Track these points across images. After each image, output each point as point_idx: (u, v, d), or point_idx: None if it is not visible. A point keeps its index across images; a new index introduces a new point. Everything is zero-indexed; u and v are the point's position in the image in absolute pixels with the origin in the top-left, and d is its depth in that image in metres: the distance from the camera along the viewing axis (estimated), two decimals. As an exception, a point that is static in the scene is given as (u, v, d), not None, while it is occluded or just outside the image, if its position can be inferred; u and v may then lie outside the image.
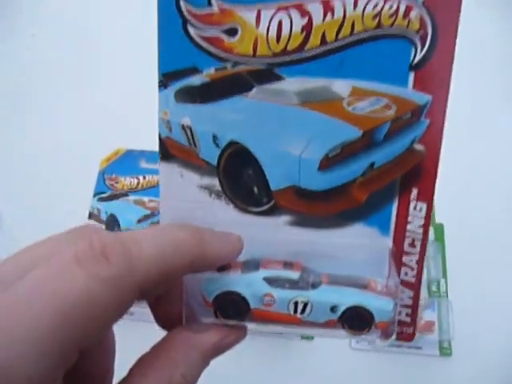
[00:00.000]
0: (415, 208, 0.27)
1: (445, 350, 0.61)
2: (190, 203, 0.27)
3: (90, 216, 0.69)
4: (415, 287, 0.29)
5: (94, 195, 0.71)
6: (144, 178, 0.71)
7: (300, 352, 0.62)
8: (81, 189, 0.71)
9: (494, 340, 0.61)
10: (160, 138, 0.27)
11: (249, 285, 0.26)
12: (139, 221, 0.67)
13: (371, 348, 0.62)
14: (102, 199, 0.69)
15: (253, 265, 0.27)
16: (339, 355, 0.62)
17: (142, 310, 0.61)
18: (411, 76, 0.25)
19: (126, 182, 0.70)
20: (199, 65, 0.25)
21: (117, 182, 0.70)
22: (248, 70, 0.25)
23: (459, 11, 0.24)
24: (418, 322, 0.60)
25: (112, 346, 0.26)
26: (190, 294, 0.26)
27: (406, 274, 0.29)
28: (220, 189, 0.27)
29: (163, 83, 0.26)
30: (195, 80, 0.26)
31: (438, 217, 0.67)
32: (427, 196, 0.27)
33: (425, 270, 0.61)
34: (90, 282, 0.18)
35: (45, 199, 0.72)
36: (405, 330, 0.30)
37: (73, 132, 0.78)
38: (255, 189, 0.27)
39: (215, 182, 0.27)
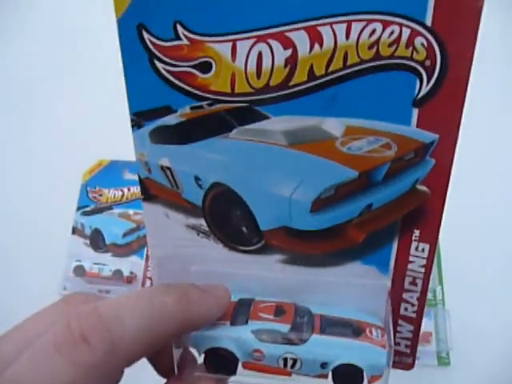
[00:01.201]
0: (417, 249, 0.25)
1: (443, 360, 0.60)
2: (179, 241, 0.26)
3: (74, 231, 0.67)
4: (415, 322, 0.28)
5: (78, 209, 0.69)
6: (128, 189, 0.69)
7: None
8: (64, 203, 0.69)
9: (492, 348, 0.60)
10: (140, 179, 0.26)
11: (237, 340, 0.25)
12: (125, 234, 0.66)
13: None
14: (85, 213, 0.68)
15: (242, 313, 0.25)
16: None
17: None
18: (415, 112, 0.22)
19: (110, 194, 0.69)
20: (172, 104, 0.23)
21: (100, 195, 0.69)
22: (227, 108, 0.23)
23: (476, 36, 0.19)
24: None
25: None
26: (179, 350, 0.25)
27: (406, 309, 0.27)
28: (207, 228, 0.25)
29: (136, 123, 0.24)
30: (170, 120, 0.23)
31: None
32: (431, 237, 0.25)
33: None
34: (71, 371, 0.18)
35: (27, 213, 0.69)
36: (403, 360, 0.30)
37: (53, 144, 0.75)
38: (244, 229, 0.25)
39: (202, 222, 0.25)
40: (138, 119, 0.24)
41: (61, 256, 0.64)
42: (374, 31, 0.20)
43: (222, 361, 0.25)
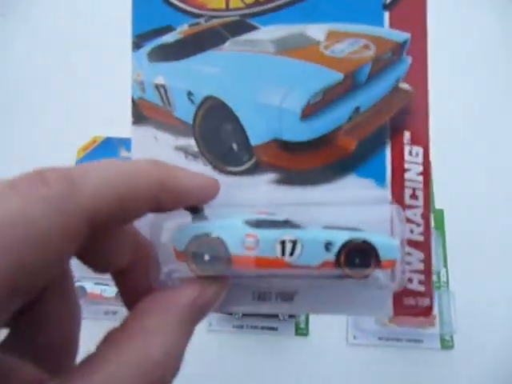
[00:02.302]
0: (411, 153, 0.25)
1: (446, 343, 0.59)
2: None
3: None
4: (425, 247, 0.25)
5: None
6: None
7: (295, 348, 0.60)
8: None
9: (496, 331, 0.59)
10: (133, 101, 0.26)
11: (227, 227, 0.21)
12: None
13: (368, 343, 0.59)
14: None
15: (234, 212, 0.23)
16: (336, 351, 0.59)
17: (124, 309, 0.59)
18: (386, 15, 0.24)
19: None
20: (173, 23, 0.24)
21: None
22: (221, 22, 0.24)
23: None
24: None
25: (75, 310, 0.21)
26: (158, 249, 0.22)
27: (411, 231, 0.24)
28: (197, 149, 0.25)
29: (136, 44, 0.25)
30: (169, 38, 0.25)
31: (438, 202, 0.65)
32: (422, 139, 0.25)
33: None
34: (26, 200, 0.15)
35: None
36: (420, 303, 0.24)
37: (47, 121, 0.73)
38: (234, 145, 0.24)
39: (191, 142, 0.25)
40: (139, 40, 0.25)
41: None
42: None
43: (208, 251, 0.21)
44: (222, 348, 0.60)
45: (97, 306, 0.60)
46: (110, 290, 0.59)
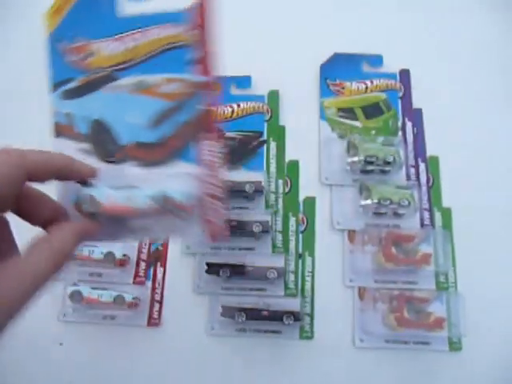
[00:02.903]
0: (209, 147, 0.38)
1: (454, 345, 0.57)
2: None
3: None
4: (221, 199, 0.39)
5: (54, 88, 0.38)
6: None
7: (300, 352, 0.58)
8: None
9: (506, 333, 0.57)
10: (53, 124, 0.40)
11: (97, 190, 0.35)
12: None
13: (375, 346, 0.57)
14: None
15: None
16: (342, 354, 0.58)
17: (123, 313, 0.57)
18: (193, 67, 0.38)
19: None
20: (73, 76, 0.39)
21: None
22: (101, 76, 0.39)
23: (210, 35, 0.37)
24: (426, 317, 0.56)
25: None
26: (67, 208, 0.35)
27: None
28: (89, 149, 0.39)
29: (53, 89, 0.40)
30: (71, 85, 0.39)
31: (445, 200, 0.63)
32: (213, 138, 0.38)
33: (432, 261, 0.58)
34: None
35: None
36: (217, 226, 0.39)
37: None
38: (111, 146, 0.39)
39: (86, 146, 0.39)
40: (55, 87, 0.40)
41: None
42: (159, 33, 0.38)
43: (86, 202, 0.35)
44: (224, 352, 0.58)
45: (94, 311, 0.58)
46: (108, 294, 0.57)
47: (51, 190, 0.36)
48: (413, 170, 0.64)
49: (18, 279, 0.28)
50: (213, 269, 0.58)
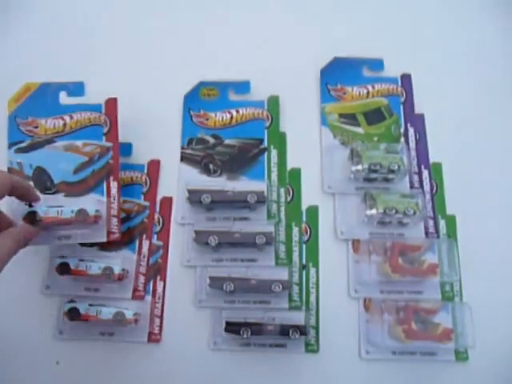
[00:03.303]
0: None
1: (461, 355, 0.56)
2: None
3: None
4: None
5: (10, 146, 0.57)
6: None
7: (305, 366, 0.57)
8: None
9: (513, 343, 0.57)
10: (8, 168, 0.57)
11: (40, 208, 0.53)
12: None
13: (381, 357, 0.57)
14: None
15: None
16: (348, 367, 0.57)
17: (122, 330, 0.55)
18: (103, 137, 0.59)
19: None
20: (24, 139, 0.59)
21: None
22: (43, 139, 0.59)
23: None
24: (434, 328, 0.55)
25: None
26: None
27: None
28: (33, 185, 0.56)
29: (9, 147, 0.58)
30: (22, 144, 0.58)
31: (450, 207, 0.62)
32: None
33: (439, 271, 0.57)
34: None
35: None
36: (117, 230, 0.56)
37: None
38: (48, 183, 0.57)
39: (31, 183, 0.57)
40: (10, 145, 0.58)
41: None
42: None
43: (30, 216, 0.53)
44: (228, 367, 0.56)
45: (92, 328, 0.56)
46: (107, 311, 0.54)
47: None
48: (416, 178, 0.63)
49: None
50: (216, 283, 0.56)
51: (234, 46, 0.69)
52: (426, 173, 0.63)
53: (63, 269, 0.56)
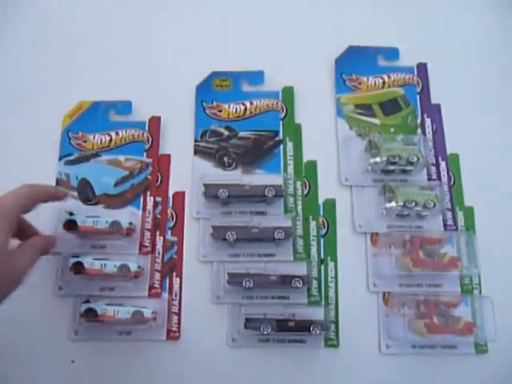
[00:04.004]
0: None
1: (481, 348, 0.56)
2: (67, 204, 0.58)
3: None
4: None
5: (60, 158, 0.61)
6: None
7: (325, 361, 0.56)
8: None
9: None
10: (56, 179, 0.61)
11: (78, 216, 0.56)
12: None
13: (402, 351, 0.56)
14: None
15: None
16: (368, 362, 0.56)
17: (140, 328, 0.54)
18: (144, 153, 0.62)
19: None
20: (73, 152, 0.63)
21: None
22: (90, 153, 0.62)
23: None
24: (456, 322, 0.55)
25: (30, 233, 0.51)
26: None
27: None
28: (77, 196, 0.60)
29: (59, 158, 0.62)
30: (71, 157, 0.62)
31: (467, 199, 0.61)
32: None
33: (459, 264, 0.56)
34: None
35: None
36: None
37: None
38: (90, 195, 0.60)
39: (75, 194, 0.61)
40: (60, 157, 0.62)
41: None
42: None
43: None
44: (247, 363, 0.56)
45: (109, 327, 0.55)
46: (125, 310, 0.53)
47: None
48: (434, 169, 0.62)
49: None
50: (235, 279, 0.55)
51: (247, 35, 0.67)
52: (443, 164, 0.62)
53: (78, 268, 0.54)
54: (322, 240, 0.59)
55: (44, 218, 0.58)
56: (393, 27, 0.68)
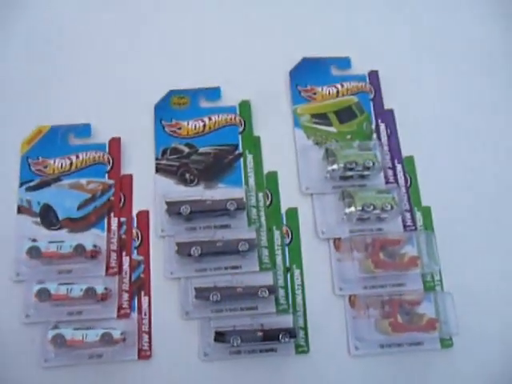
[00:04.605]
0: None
1: (446, 342, 0.58)
2: (30, 230, 0.60)
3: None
4: None
5: (21, 185, 0.61)
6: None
7: (297, 367, 0.57)
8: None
9: (494, 327, 0.59)
10: (18, 206, 0.61)
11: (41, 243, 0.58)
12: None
13: (370, 352, 0.58)
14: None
15: None
16: (339, 364, 0.57)
17: (110, 350, 0.54)
18: (106, 175, 0.63)
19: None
20: (33, 178, 0.63)
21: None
22: (51, 178, 0.63)
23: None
24: (419, 319, 0.57)
25: None
26: None
27: None
28: (39, 221, 0.61)
29: (20, 185, 0.63)
30: (32, 183, 0.63)
31: (424, 199, 0.63)
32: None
33: (419, 263, 0.58)
34: None
35: None
36: None
37: None
38: (54, 220, 0.61)
39: (38, 219, 0.61)
40: (21, 184, 0.63)
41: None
42: None
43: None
44: (220, 376, 0.57)
45: (79, 352, 0.55)
46: (93, 333, 0.53)
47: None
48: (390, 172, 0.64)
49: None
50: (202, 294, 0.56)
51: (202, 52, 0.69)
52: (399, 167, 0.64)
53: (43, 295, 0.54)
54: (286, 249, 0.60)
55: (6, 245, 0.58)
56: (344, 37, 0.70)
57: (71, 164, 0.62)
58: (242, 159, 0.63)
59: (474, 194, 0.64)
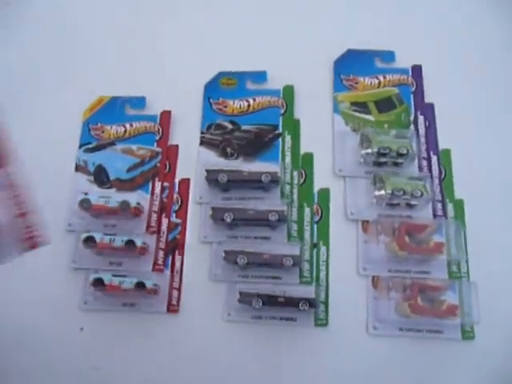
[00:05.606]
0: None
1: (467, 334, 0.58)
2: (82, 187, 0.67)
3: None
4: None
5: (80, 146, 0.68)
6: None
7: (315, 339, 0.59)
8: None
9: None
10: (76, 165, 0.68)
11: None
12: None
13: (389, 333, 0.59)
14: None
15: None
16: (356, 341, 0.59)
17: (143, 301, 0.59)
18: (154, 143, 0.69)
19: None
20: (91, 141, 0.70)
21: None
22: (107, 142, 0.69)
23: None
24: (439, 304, 0.57)
25: None
26: None
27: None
28: (93, 180, 0.67)
29: (79, 147, 0.69)
30: (89, 145, 0.69)
31: (458, 192, 0.64)
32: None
33: (445, 250, 0.59)
34: None
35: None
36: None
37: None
38: (104, 179, 0.66)
39: (92, 178, 0.67)
40: (80, 146, 0.69)
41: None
42: None
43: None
44: (240, 338, 0.59)
45: (115, 298, 0.60)
46: (129, 281, 0.58)
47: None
48: (425, 163, 0.65)
49: None
50: (230, 256, 0.59)
51: (252, 38, 0.73)
52: (434, 158, 0.65)
53: (90, 242, 0.60)
54: (315, 226, 0.63)
55: (63, 199, 0.64)
56: (390, 31, 0.72)
57: (125, 131, 0.69)
58: (280, 139, 0.66)
59: (509, 192, 0.64)
